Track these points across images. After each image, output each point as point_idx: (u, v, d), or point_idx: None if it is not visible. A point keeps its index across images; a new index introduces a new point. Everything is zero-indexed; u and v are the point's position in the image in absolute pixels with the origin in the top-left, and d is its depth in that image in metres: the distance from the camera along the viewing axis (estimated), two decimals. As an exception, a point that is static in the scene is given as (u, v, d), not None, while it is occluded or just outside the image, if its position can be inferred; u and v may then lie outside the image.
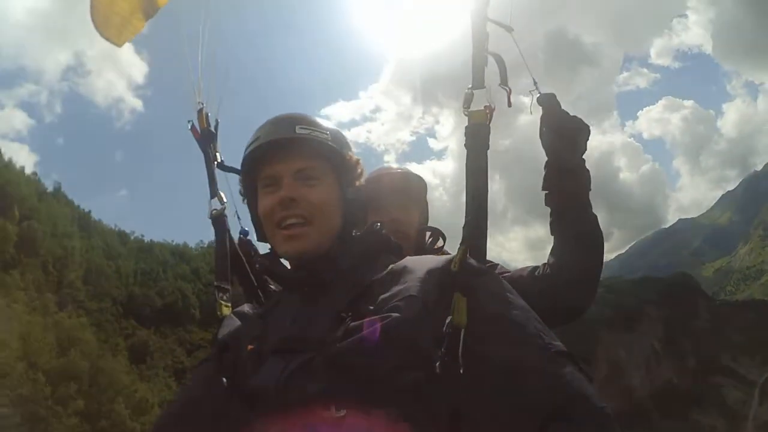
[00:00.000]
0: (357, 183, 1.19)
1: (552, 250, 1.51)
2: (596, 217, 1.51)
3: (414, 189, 1.78)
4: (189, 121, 1.71)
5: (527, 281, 1.47)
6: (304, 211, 1.09)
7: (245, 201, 1.25)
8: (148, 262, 62.78)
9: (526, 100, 1.46)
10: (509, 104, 1.25)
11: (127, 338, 47.94)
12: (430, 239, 1.74)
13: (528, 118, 1.46)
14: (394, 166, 1.75)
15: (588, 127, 1.51)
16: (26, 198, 45.40)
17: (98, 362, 34.44)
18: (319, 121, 1.18)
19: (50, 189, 55.20)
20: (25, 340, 29.11)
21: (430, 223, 1.82)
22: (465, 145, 1.16)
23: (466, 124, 1.18)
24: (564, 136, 1.48)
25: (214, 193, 1.63)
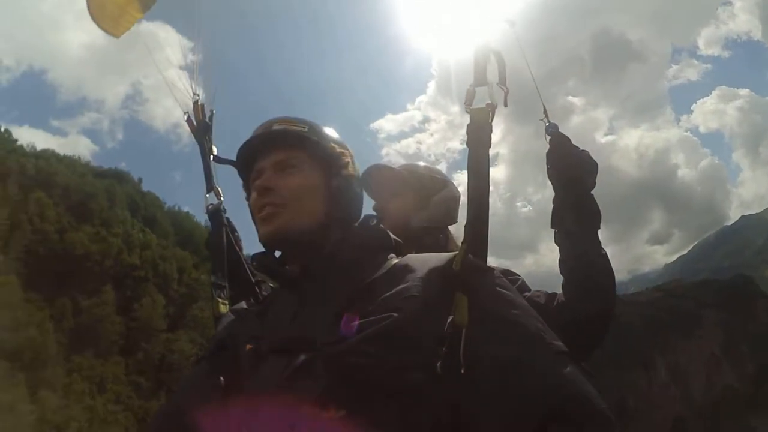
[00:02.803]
0: (344, 172, 1.18)
1: (562, 287, 1.49)
2: (606, 256, 1.48)
3: (406, 178, 1.71)
4: (185, 113, 1.71)
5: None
6: (278, 198, 1.11)
7: (247, 199, 1.24)
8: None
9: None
10: (505, 104, 1.22)
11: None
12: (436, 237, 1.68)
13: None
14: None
15: (596, 163, 1.53)
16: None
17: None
18: (300, 118, 1.21)
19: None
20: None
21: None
22: (466, 143, 1.15)
23: (468, 122, 1.16)
24: (570, 175, 1.49)
25: (210, 186, 1.65)
